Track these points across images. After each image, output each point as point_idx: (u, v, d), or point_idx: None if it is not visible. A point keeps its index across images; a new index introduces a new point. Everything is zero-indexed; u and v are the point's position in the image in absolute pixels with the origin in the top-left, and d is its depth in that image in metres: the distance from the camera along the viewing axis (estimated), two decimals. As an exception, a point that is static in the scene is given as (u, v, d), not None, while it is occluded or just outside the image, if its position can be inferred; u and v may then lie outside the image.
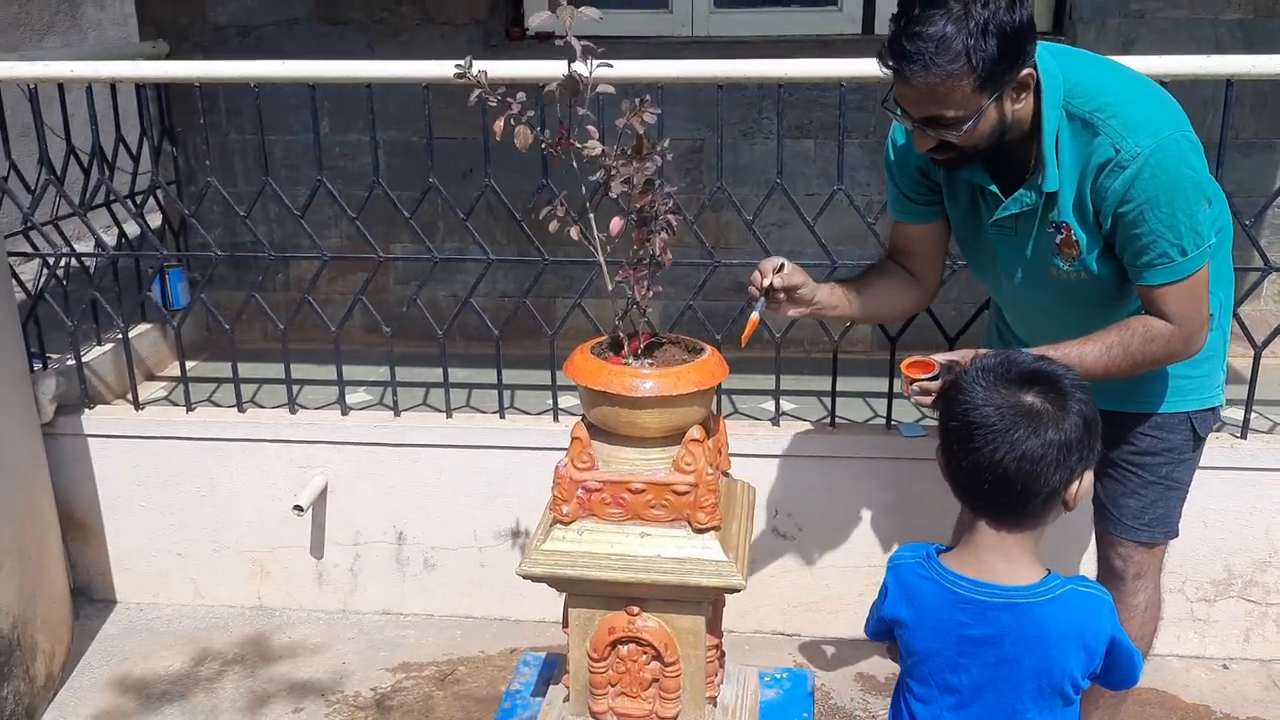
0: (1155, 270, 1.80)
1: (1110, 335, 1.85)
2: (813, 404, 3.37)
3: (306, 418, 2.98)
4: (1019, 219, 1.90)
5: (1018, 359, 1.53)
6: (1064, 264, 1.89)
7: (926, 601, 1.53)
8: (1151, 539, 2.10)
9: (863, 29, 3.70)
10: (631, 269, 1.71)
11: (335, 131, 3.81)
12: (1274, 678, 2.73)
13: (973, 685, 1.50)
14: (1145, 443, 2.05)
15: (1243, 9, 3.47)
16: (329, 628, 2.99)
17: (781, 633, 2.94)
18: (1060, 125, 1.81)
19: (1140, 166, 1.74)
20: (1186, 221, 1.76)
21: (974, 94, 1.70)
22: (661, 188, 1.67)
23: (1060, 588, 1.47)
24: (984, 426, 1.43)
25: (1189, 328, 1.84)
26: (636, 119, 1.62)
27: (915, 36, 1.66)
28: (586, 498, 1.77)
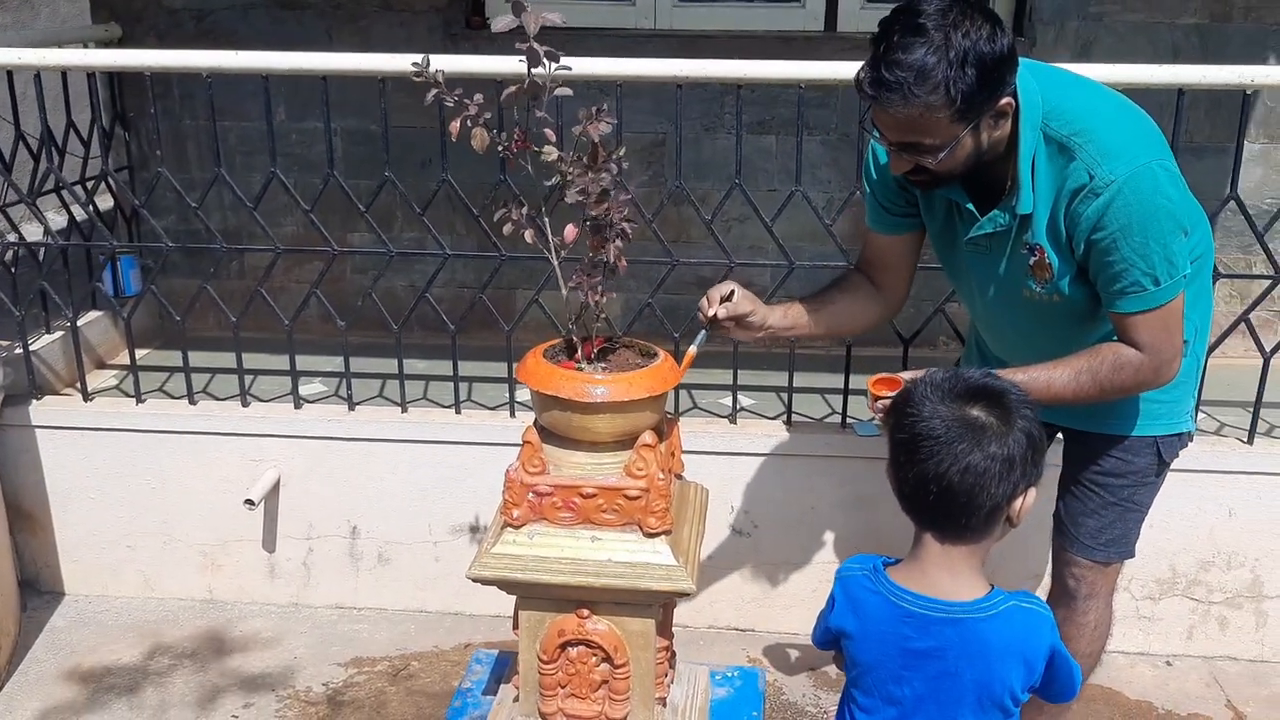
0: (1127, 298, 1.79)
1: (1080, 361, 1.85)
2: (771, 399, 3.39)
3: (259, 411, 2.95)
4: (993, 238, 1.89)
5: (966, 375, 1.54)
6: (1036, 285, 1.88)
7: (872, 614, 1.54)
8: (1107, 558, 2.12)
9: (825, 26, 3.70)
10: (586, 275, 1.70)
11: (291, 118, 3.77)
12: (1215, 674, 2.79)
13: (914, 697, 1.52)
14: (1110, 464, 2.05)
15: (1199, 14, 3.51)
16: (281, 622, 2.97)
17: (736, 628, 2.96)
18: (1038, 147, 1.79)
19: (1114, 194, 1.72)
20: (1160, 251, 1.74)
21: (951, 124, 1.68)
22: (616, 196, 1.66)
23: (1003, 603, 1.49)
24: (929, 438, 1.45)
25: (1160, 357, 1.83)
26: (593, 128, 1.61)
27: (894, 65, 1.63)
28: (537, 501, 1.77)
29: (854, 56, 3.61)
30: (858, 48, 3.59)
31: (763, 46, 3.65)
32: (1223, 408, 3.12)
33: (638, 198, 3.77)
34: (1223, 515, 2.72)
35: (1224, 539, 2.74)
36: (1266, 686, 2.74)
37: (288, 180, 3.78)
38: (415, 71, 1.64)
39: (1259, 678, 2.77)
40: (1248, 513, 2.71)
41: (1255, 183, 3.64)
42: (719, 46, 3.65)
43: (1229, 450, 2.72)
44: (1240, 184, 2.68)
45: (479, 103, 1.67)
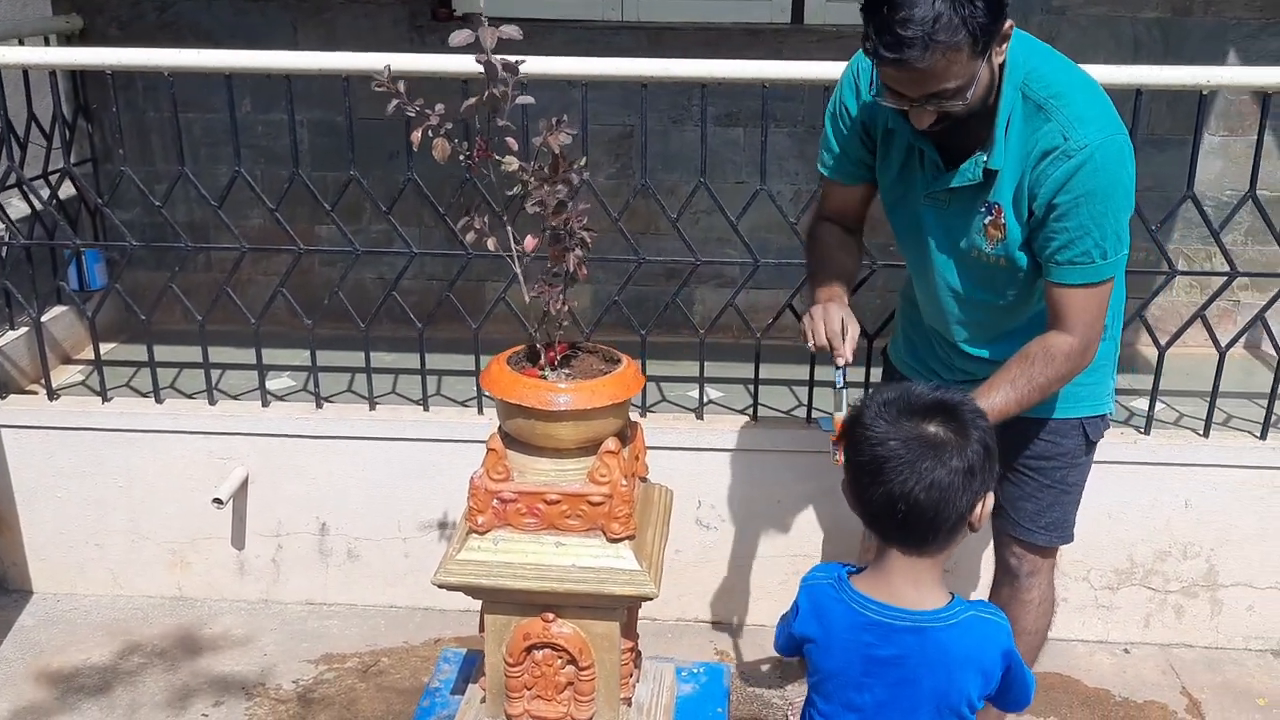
0: (1075, 269, 1.82)
1: (1012, 371, 1.89)
2: (739, 391, 3.42)
3: (226, 409, 2.95)
4: (955, 193, 1.91)
5: (916, 391, 1.55)
6: (986, 245, 1.91)
7: (836, 622, 1.57)
8: (1048, 542, 2.18)
9: (792, 18, 3.71)
10: (547, 284, 1.71)
11: (257, 110, 3.74)
12: (1171, 661, 2.85)
13: (875, 704, 1.55)
14: (1040, 447, 2.11)
15: (1160, 7, 3.54)
16: (251, 618, 2.98)
17: (704, 620, 3.00)
18: (1014, 107, 1.81)
19: (1085, 159, 1.75)
20: (1113, 224, 1.80)
21: (970, 60, 1.68)
22: (575, 206, 1.67)
23: (963, 613, 1.52)
24: (893, 459, 1.46)
25: (1088, 338, 1.88)
26: (553, 139, 1.61)
27: (908, 22, 1.62)
28: (502, 508, 1.79)
29: (821, 49, 3.65)
30: (824, 40, 3.68)
31: (730, 39, 3.66)
32: (1181, 398, 3.18)
33: (606, 190, 3.79)
34: (1179, 507, 2.78)
35: (1180, 530, 2.79)
36: (1220, 673, 2.80)
37: (255, 172, 3.78)
38: (377, 84, 1.63)
39: (1213, 664, 2.84)
40: (1203, 504, 2.77)
41: (1215, 175, 3.69)
42: (686, 39, 3.65)
43: (1185, 443, 2.78)
44: (1200, 176, 2.72)
45: (440, 112, 1.67)
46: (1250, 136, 3.63)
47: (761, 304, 3.41)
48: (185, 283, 3.04)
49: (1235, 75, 2.59)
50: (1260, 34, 3.57)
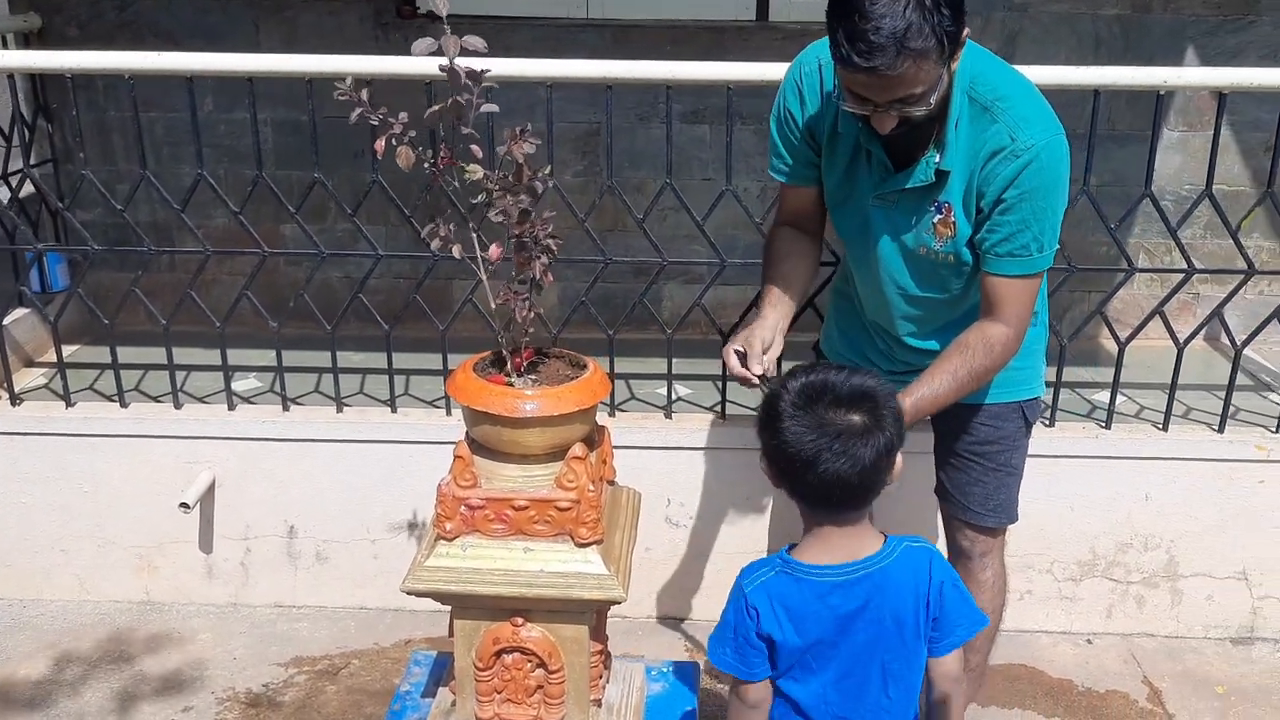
0: (1014, 260, 1.90)
1: (952, 361, 1.95)
2: (707, 388, 3.43)
3: (192, 413, 2.93)
4: (904, 193, 1.95)
5: (831, 382, 1.58)
6: (935, 243, 1.97)
7: (800, 602, 1.61)
8: (997, 523, 2.25)
9: (756, 16, 3.72)
10: (513, 292, 1.72)
11: (219, 109, 3.71)
12: (1132, 651, 2.90)
13: (850, 654, 1.63)
14: (983, 432, 2.18)
15: (1120, 5, 3.59)
16: (219, 622, 2.97)
17: (675, 617, 3.02)
18: (962, 109, 1.87)
19: (1032, 157, 1.83)
20: (1052, 219, 1.88)
21: (936, 65, 1.73)
22: (539, 214, 1.67)
23: (898, 546, 1.64)
24: (826, 451, 1.53)
25: (1020, 327, 1.96)
26: (517, 148, 1.62)
27: (878, 30, 1.65)
28: (470, 514, 1.79)
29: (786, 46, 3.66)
30: (789, 37, 3.69)
31: (695, 36, 3.66)
32: (1142, 390, 3.23)
33: (573, 187, 3.79)
34: (1140, 499, 2.82)
35: (1141, 522, 2.84)
36: (1180, 662, 2.86)
37: (218, 172, 3.76)
38: (340, 95, 1.62)
39: (1173, 653, 2.89)
40: (1163, 496, 2.81)
41: (1174, 169, 3.74)
42: (651, 37, 3.66)
43: (1145, 437, 2.82)
44: (1160, 171, 2.76)
45: (403, 120, 1.67)
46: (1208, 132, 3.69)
47: (729, 300, 3.43)
48: (149, 284, 3.01)
49: (1191, 76, 2.63)
50: (1218, 30, 3.62)
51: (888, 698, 1.66)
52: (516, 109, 3.60)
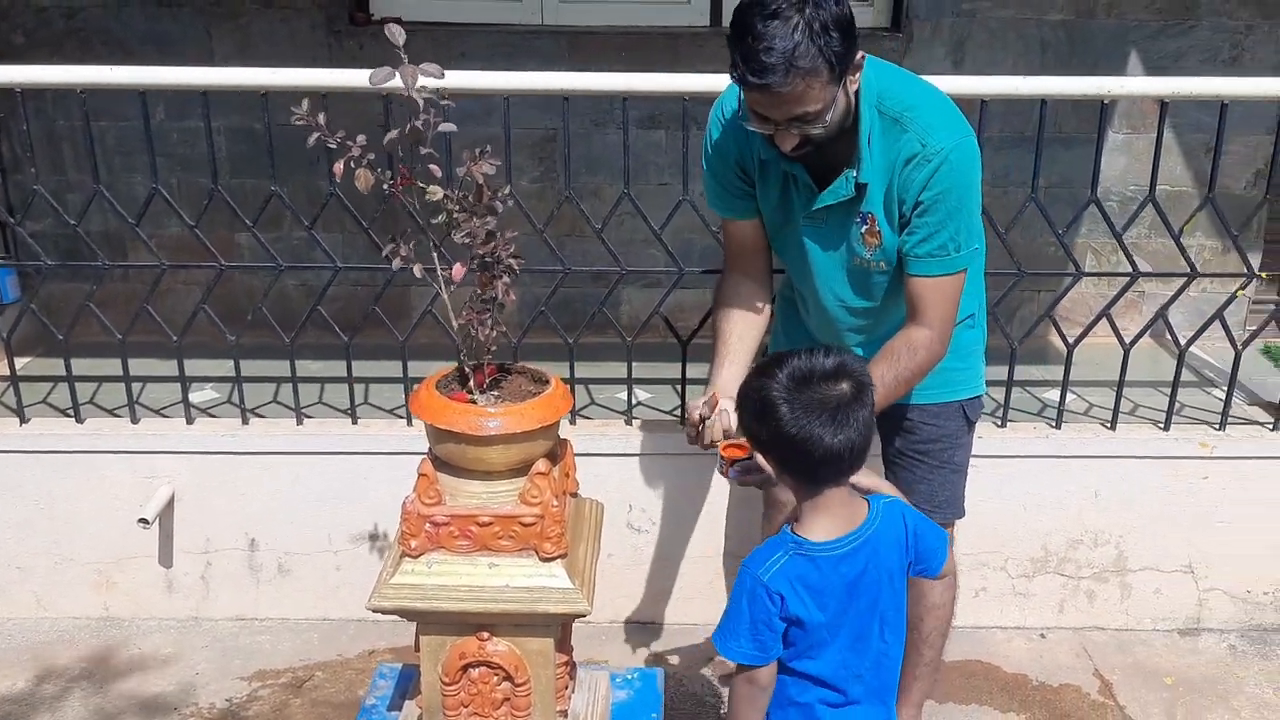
0: (933, 260, 1.99)
1: (878, 368, 2.01)
2: (666, 392, 3.46)
3: (149, 427, 2.91)
4: (831, 210, 2.05)
5: (812, 363, 1.66)
6: (866, 251, 2.06)
7: (818, 579, 1.68)
8: (945, 519, 2.31)
9: (710, 21, 3.75)
10: (475, 311, 1.73)
11: (171, 118, 3.68)
12: (1084, 644, 2.98)
13: (857, 616, 1.72)
14: (926, 431, 2.25)
15: (1065, 10, 3.66)
16: (181, 636, 2.95)
17: (637, 621, 3.05)
18: (873, 123, 1.96)
19: (942, 161, 1.92)
20: (966, 219, 1.98)
21: (828, 85, 1.81)
22: (502, 234, 1.69)
23: (879, 506, 1.77)
24: (831, 423, 1.62)
25: (944, 329, 2.04)
26: (477, 169, 1.63)
27: (770, 50, 1.74)
28: (435, 531, 1.81)
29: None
30: (743, 43, 3.71)
31: (649, 43, 3.69)
32: (1090, 388, 3.30)
33: (529, 193, 3.80)
34: (1089, 497, 2.89)
35: (1091, 519, 2.91)
36: (1130, 654, 2.93)
37: (171, 180, 3.73)
38: (297, 119, 1.63)
39: (1123, 646, 2.97)
40: (1112, 493, 2.89)
41: (1119, 171, 3.83)
42: (606, 43, 3.68)
43: (1094, 436, 2.89)
44: (1105, 173, 2.82)
45: (361, 143, 1.68)
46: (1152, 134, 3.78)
47: (687, 303, 3.46)
48: (103, 294, 2.97)
49: (1134, 85, 2.70)
50: (1159, 35, 3.71)
51: (884, 641, 1.78)
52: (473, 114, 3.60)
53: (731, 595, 1.73)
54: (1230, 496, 2.88)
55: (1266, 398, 3.47)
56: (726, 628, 1.72)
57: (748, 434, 1.77)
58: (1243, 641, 2.98)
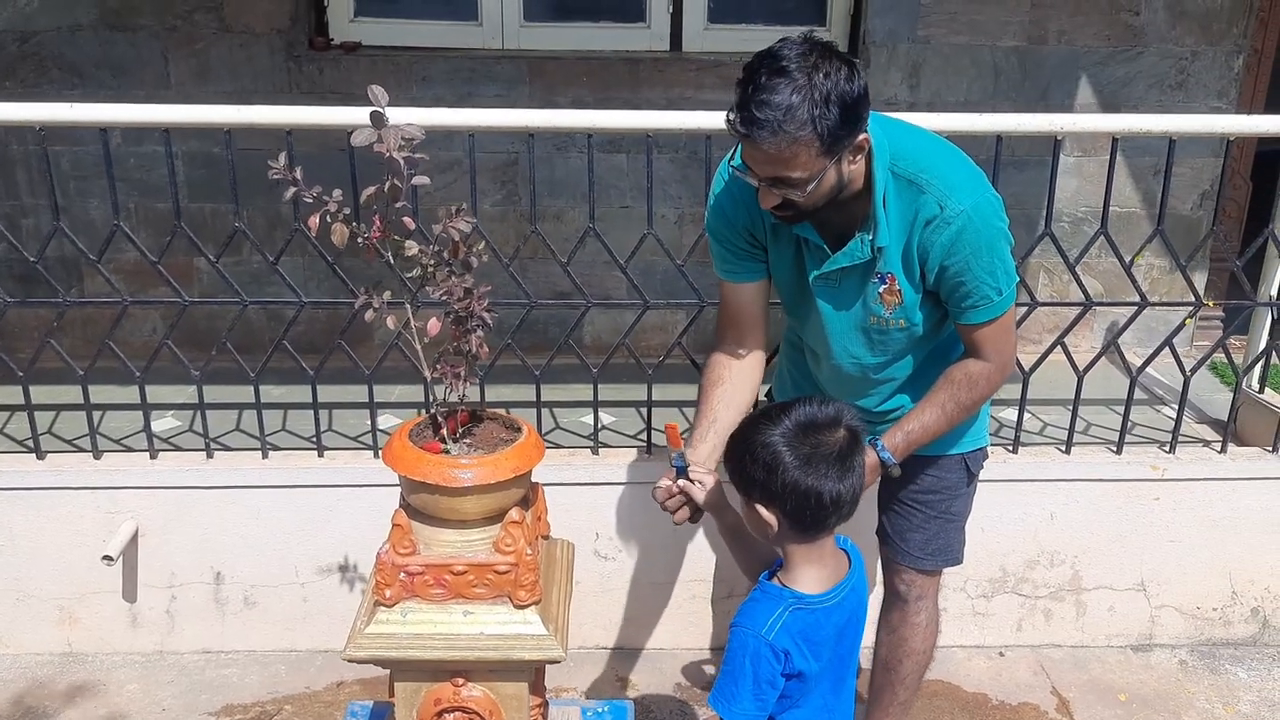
0: (979, 310, 1.98)
1: (941, 395, 2.04)
2: (630, 415, 3.49)
3: (112, 463, 2.88)
4: (845, 271, 2.02)
5: (809, 413, 1.69)
6: (885, 311, 2.04)
7: (817, 631, 1.71)
8: (935, 567, 2.33)
9: (671, 46, 3.78)
10: (449, 365, 1.75)
11: (128, 142, 3.65)
12: (1041, 662, 3.05)
13: (839, 660, 1.76)
14: (926, 482, 2.26)
15: (1017, 37, 3.74)
16: (146, 671, 2.94)
17: (605, 647, 3.07)
18: (888, 185, 1.94)
19: (964, 223, 1.90)
20: (1002, 266, 1.96)
21: (818, 158, 1.79)
22: (478, 289, 1.71)
23: (853, 550, 1.81)
24: (835, 472, 1.65)
25: (1002, 359, 2.05)
26: (453, 226, 1.65)
27: (764, 104, 1.73)
28: (409, 580, 1.82)
29: (699, 77, 3.74)
30: (703, 69, 3.77)
31: (610, 68, 3.71)
32: (1045, 407, 3.38)
33: (492, 216, 3.81)
34: (1045, 519, 2.96)
35: (1047, 540, 2.98)
36: (1086, 671, 3.01)
37: (129, 204, 3.70)
38: (275, 175, 1.63)
39: (1079, 663, 3.05)
40: (1067, 515, 2.96)
41: (1071, 193, 3.92)
42: (567, 68, 3.70)
43: (1049, 460, 2.96)
44: (1057, 195, 2.83)
45: (338, 198, 1.69)
46: (1101, 157, 3.88)
47: (649, 323, 3.50)
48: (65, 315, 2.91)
49: (1084, 122, 2.76)
50: (1108, 61, 3.80)
51: (853, 678, 1.85)
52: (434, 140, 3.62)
53: (729, 656, 1.70)
54: (1180, 517, 2.97)
55: (1214, 415, 3.57)
56: (727, 690, 1.70)
57: (747, 485, 1.72)
58: (1193, 657, 3.08)
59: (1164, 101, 3.90)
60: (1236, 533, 2.99)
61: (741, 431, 1.76)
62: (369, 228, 1.72)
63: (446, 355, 1.77)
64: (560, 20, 3.83)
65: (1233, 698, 2.91)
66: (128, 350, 2.84)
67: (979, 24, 3.75)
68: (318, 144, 2.79)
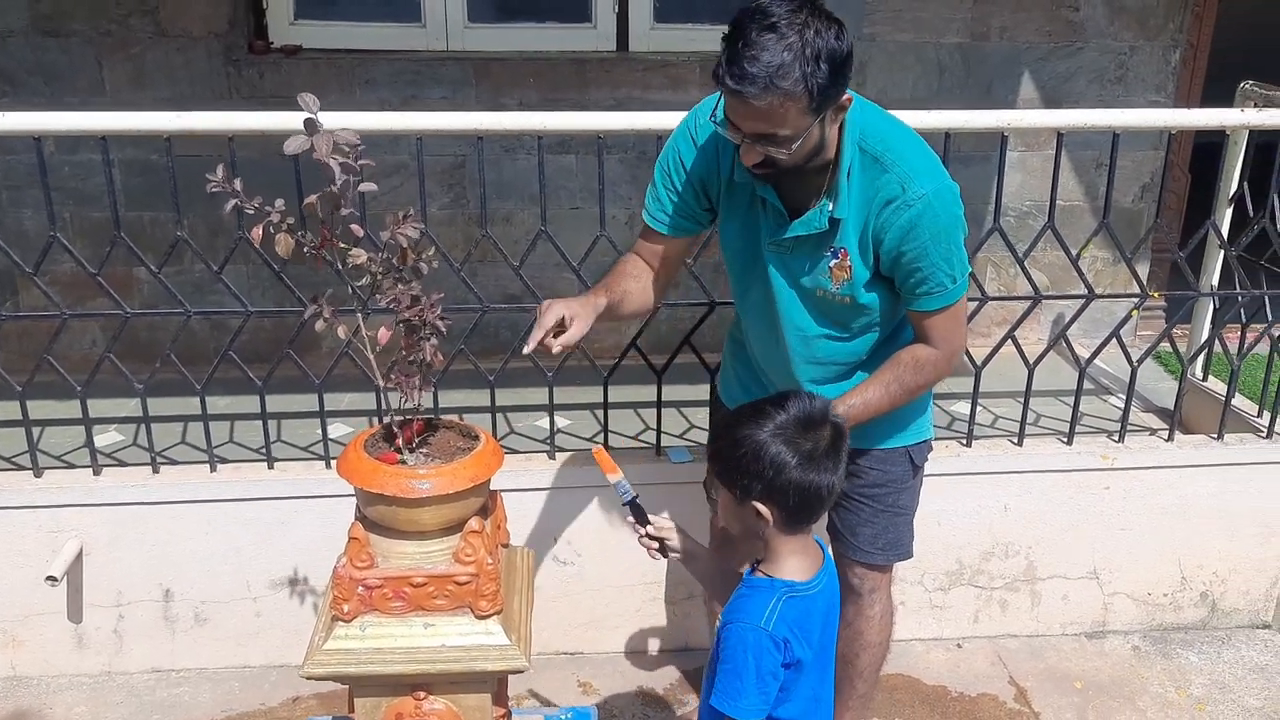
0: (932, 298, 1.99)
1: (886, 374, 2.06)
2: (585, 418, 3.48)
3: (54, 480, 2.80)
4: (800, 241, 2.01)
5: (801, 409, 1.69)
6: (832, 285, 2.03)
7: (808, 618, 1.73)
8: (886, 561, 2.34)
9: (617, 46, 3.76)
10: (404, 374, 1.72)
11: (62, 150, 3.56)
12: (999, 652, 3.08)
13: (824, 649, 1.78)
14: (872, 476, 2.26)
15: (961, 34, 3.77)
16: (95, 693, 2.86)
17: (565, 652, 3.05)
18: (854, 158, 1.94)
19: (924, 208, 1.91)
20: (958, 254, 1.98)
21: (804, 115, 1.78)
22: (429, 297, 1.68)
23: (819, 540, 1.82)
24: (829, 464, 1.68)
25: (950, 348, 2.07)
26: (401, 233, 1.62)
27: (755, 60, 1.71)
28: (367, 594, 1.79)
29: (646, 77, 3.73)
30: (650, 69, 3.75)
31: (556, 69, 3.69)
32: (995, 399, 3.42)
33: (440, 220, 3.77)
34: (1000, 511, 2.99)
35: (1001, 531, 3.01)
36: (1042, 659, 3.05)
37: (64, 214, 3.61)
38: (213, 187, 1.59)
39: (1035, 651, 3.08)
40: (1020, 506, 2.99)
41: (1015, 187, 3.97)
42: (513, 69, 3.67)
43: (1002, 453, 2.99)
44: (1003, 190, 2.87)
45: (280, 208, 1.65)
46: (1046, 151, 3.93)
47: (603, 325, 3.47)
48: (0, 330, 2.84)
49: (1030, 118, 2.80)
50: (1050, 56, 3.85)
51: (832, 665, 1.87)
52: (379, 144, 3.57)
53: (727, 655, 1.68)
54: (1130, 505, 3.01)
55: (1160, 404, 3.64)
56: (732, 688, 1.67)
57: (747, 484, 1.69)
58: (1145, 642, 3.13)
59: (1104, 96, 3.96)
60: (1185, 519, 3.05)
61: (738, 432, 1.72)
62: (316, 235, 1.69)
63: (400, 364, 1.73)
64: (505, 21, 3.79)
65: (1184, 681, 2.96)
66: (67, 364, 2.76)
67: (923, 21, 3.78)
68: (259, 149, 2.72)
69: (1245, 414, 3.17)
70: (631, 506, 1.93)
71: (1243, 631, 3.18)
